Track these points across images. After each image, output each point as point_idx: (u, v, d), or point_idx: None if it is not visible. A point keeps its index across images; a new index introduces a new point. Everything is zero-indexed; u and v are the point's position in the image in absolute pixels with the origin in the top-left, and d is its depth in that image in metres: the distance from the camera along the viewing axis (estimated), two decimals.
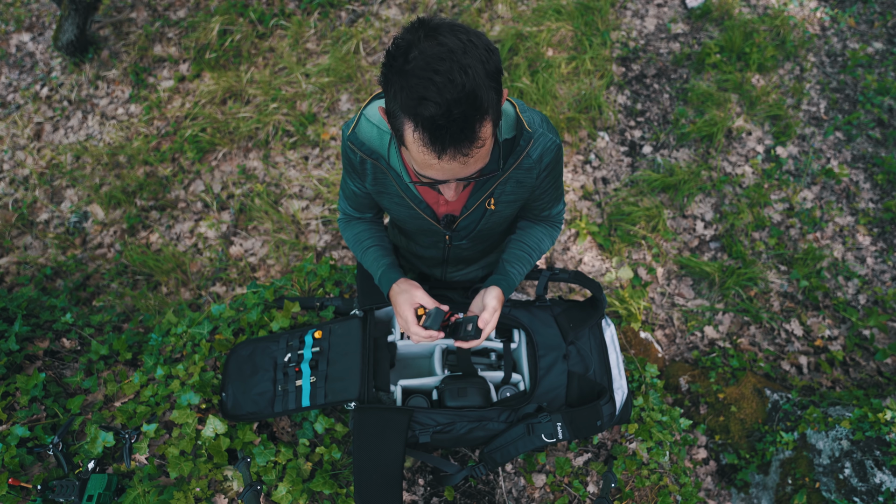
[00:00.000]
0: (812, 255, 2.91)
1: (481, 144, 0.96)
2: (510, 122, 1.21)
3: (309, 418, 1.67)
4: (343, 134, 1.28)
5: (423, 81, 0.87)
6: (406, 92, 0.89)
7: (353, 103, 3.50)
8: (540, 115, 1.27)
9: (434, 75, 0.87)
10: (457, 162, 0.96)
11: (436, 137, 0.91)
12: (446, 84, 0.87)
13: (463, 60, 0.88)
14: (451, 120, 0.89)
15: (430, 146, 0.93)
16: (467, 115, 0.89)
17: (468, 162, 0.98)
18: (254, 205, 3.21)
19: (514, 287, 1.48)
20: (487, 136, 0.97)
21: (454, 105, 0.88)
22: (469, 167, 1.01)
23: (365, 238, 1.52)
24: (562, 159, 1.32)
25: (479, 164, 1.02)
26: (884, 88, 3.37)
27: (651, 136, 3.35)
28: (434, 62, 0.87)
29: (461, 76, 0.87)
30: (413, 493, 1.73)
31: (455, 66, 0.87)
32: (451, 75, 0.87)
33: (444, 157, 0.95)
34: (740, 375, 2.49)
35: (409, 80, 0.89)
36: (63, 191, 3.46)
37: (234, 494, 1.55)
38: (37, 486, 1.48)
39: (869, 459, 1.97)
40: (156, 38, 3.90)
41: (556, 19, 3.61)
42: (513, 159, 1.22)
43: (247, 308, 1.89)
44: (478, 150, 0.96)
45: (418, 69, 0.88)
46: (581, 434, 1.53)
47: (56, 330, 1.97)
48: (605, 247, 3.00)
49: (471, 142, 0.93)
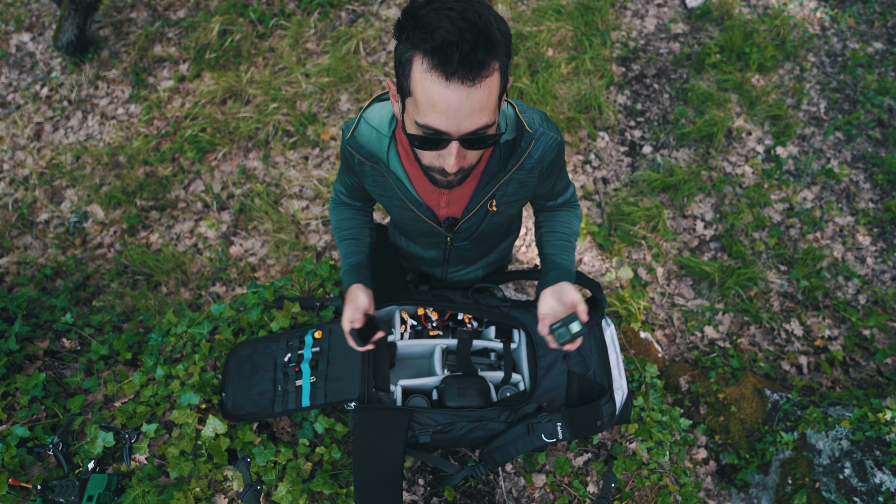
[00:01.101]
0: (812, 255, 2.91)
1: (486, 91, 0.95)
2: (511, 124, 1.21)
3: (309, 418, 1.67)
4: (343, 135, 1.29)
5: (438, 17, 0.91)
6: (420, 28, 0.92)
7: (353, 103, 3.50)
8: (540, 113, 1.26)
9: (449, 12, 0.90)
10: (464, 89, 0.93)
11: (446, 56, 0.91)
12: (460, 18, 0.90)
13: (477, 7, 0.92)
14: (464, 40, 0.90)
15: (439, 67, 0.92)
16: (478, 42, 0.91)
17: (473, 95, 0.94)
18: (254, 205, 3.21)
19: (573, 274, 1.40)
20: (495, 85, 0.97)
21: (466, 31, 0.90)
22: (471, 113, 0.97)
23: (346, 227, 1.53)
24: (563, 153, 1.32)
25: (484, 116, 0.98)
26: (884, 88, 3.37)
27: (651, 136, 3.35)
28: (450, 2, 0.91)
29: (475, 16, 0.91)
30: (413, 493, 1.73)
31: (469, 9, 0.91)
32: (465, 14, 0.90)
33: (452, 81, 0.92)
34: (740, 375, 2.49)
35: (423, 20, 0.92)
36: (63, 191, 3.46)
37: (234, 494, 1.55)
38: (37, 486, 1.48)
39: (869, 459, 1.97)
40: (156, 38, 3.90)
41: (556, 19, 3.61)
42: (514, 160, 1.22)
43: (247, 308, 1.89)
44: (485, 80, 0.94)
45: (433, 10, 0.91)
46: (581, 434, 1.53)
47: (56, 330, 1.97)
48: (605, 247, 3.00)
49: (480, 67, 0.92)
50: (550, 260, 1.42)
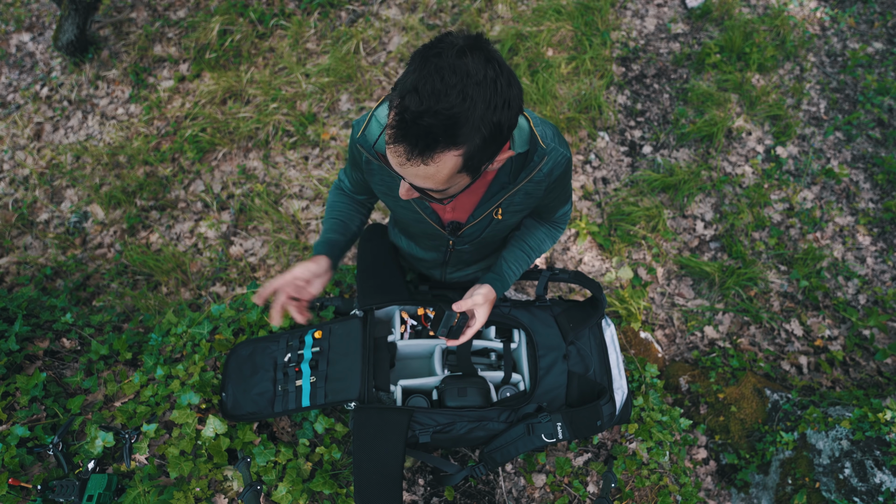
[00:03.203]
0: (812, 255, 2.91)
1: (433, 168, 0.93)
2: (524, 137, 1.21)
3: (309, 418, 1.68)
4: (353, 132, 1.28)
5: (428, 77, 0.87)
6: (411, 74, 0.89)
7: (353, 103, 3.50)
8: (552, 127, 1.26)
9: (437, 80, 0.86)
10: (403, 159, 0.93)
11: (396, 124, 0.90)
12: (438, 94, 0.86)
13: (470, 90, 0.86)
14: (418, 124, 0.87)
15: (389, 128, 0.92)
16: (433, 132, 0.88)
17: (411, 171, 0.95)
18: (254, 205, 3.21)
19: (507, 288, 1.50)
20: (447, 167, 0.94)
21: (429, 114, 0.86)
22: (415, 176, 0.97)
23: (338, 210, 1.54)
24: (570, 169, 1.32)
25: (429, 184, 0.99)
26: (884, 88, 3.37)
27: (651, 136, 3.35)
28: (448, 72, 0.86)
29: (457, 99, 0.86)
30: (413, 493, 1.73)
31: (458, 89, 0.86)
32: (448, 91, 0.86)
33: (394, 147, 0.93)
34: (740, 375, 2.49)
35: (421, 69, 0.88)
36: (63, 191, 3.46)
37: (234, 494, 1.55)
38: (37, 486, 1.48)
39: (869, 459, 1.97)
40: (156, 38, 3.90)
41: (556, 19, 3.61)
42: (525, 173, 1.22)
43: (247, 308, 1.89)
44: (425, 167, 0.93)
45: (434, 67, 0.87)
46: (581, 434, 1.53)
47: (56, 330, 1.97)
48: (605, 247, 3.00)
49: (421, 155, 0.91)
50: (500, 263, 1.52)
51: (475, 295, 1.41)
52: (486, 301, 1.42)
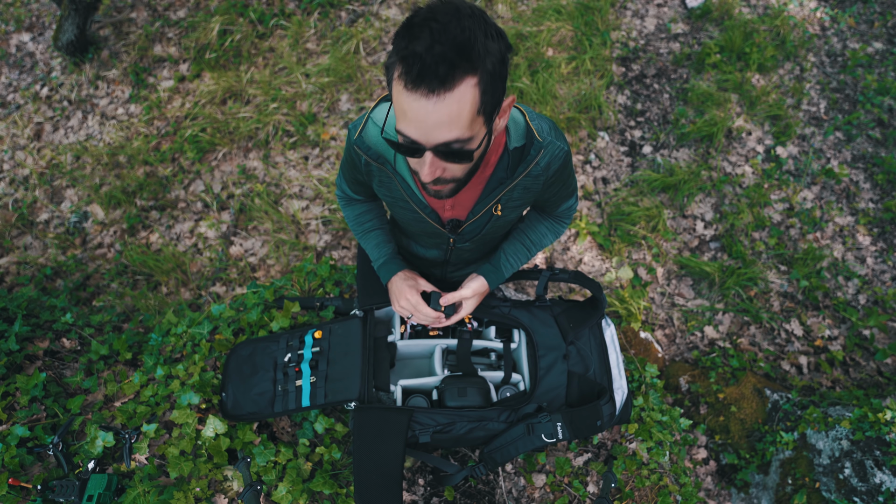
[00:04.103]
0: (812, 255, 2.91)
1: (455, 106, 0.93)
2: (521, 131, 1.20)
3: (309, 418, 1.67)
4: (349, 134, 1.28)
5: (421, 28, 0.89)
6: (405, 36, 0.91)
7: (353, 103, 3.50)
8: (549, 122, 1.26)
9: (433, 23, 0.88)
10: (427, 100, 0.92)
11: (409, 66, 0.90)
12: (440, 30, 0.88)
13: (465, 22, 0.89)
14: (432, 53, 0.88)
15: (404, 76, 0.91)
16: (449, 56, 0.89)
17: (439, 107, 0.93)
18: (254, 205, 3.21)
19: (503, 280, 1.55)
20: (468, 101, 0.93)
21: (437, 44, 0.88)
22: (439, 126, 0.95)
23: (367, 220, 1.56)
24: (570, 162, 1.32)
25: (454, 130, 0.97)
26: (884, 88, 3.37)
27: (651, 136, 3.35)
28: (440, 13, 0.89)
29: (457, 29, 0.88)
30: (413, 493, 1.73)
31: (454, 22, 0.89)
32: (447, 27, 0.88)
33: (416, 91, 0.91)
34: (740, 375, 2.49)
35: (410, 29, 0.90)
36: (63, 191, 3.46)
37: (234, 494, 1.55)
38: (37, 486, 1.48)
39: (869, 459, 1.97)
40: (156, 38, 3.90)
41: (556, 19, 3.61)
42: (522, 168, 1.22)
43: (247, 308, 1.89)
44: (451, 94, 0.92)
45: (421, 20, 0.90)
46: (581, 434, 1.53)
47: (56, 330, 1.97)
48: (605, 247, 3.00)
49: (443, 82, 0.90)
50: (498, 255, 1.54)
51: (464, 288, 1.48)
52: (474, 294, 1.49)
